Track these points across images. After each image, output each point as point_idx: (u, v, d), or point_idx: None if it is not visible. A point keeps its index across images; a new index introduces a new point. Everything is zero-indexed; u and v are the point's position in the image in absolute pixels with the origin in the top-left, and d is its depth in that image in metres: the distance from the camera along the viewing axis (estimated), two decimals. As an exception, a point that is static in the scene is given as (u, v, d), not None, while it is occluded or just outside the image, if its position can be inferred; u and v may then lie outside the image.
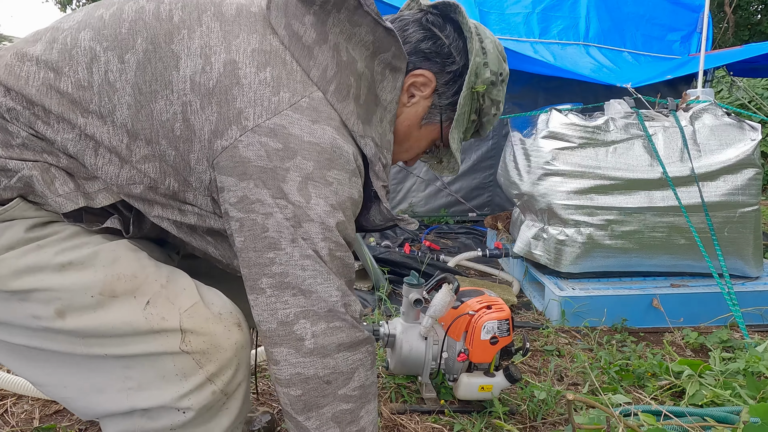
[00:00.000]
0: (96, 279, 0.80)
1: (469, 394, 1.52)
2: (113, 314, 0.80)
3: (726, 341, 2.12)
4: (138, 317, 0.80)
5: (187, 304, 0.84)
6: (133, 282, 0.82)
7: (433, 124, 1.06)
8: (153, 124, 0.83)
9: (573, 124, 2.47)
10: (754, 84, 6.83)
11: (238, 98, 0.81)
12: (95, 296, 0.79)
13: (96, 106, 0.82)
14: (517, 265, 2.97)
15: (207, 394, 0.83)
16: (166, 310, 0.82)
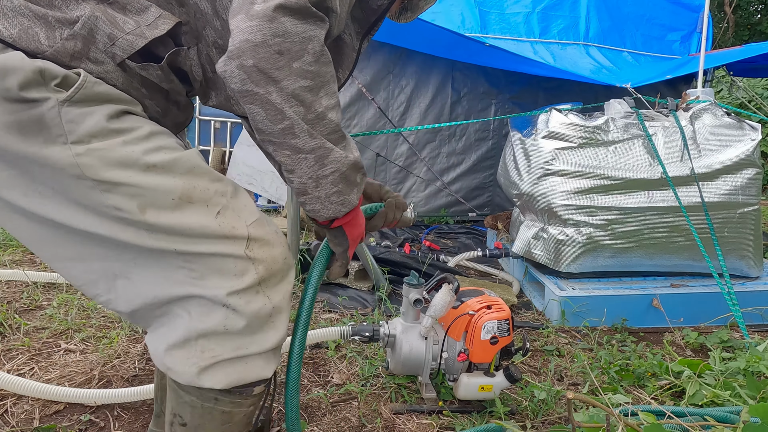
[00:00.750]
0: (176, 185, 0.84)
1: (469, 394, 1.52)
2: (189, 217, 0.85)
3: (726, 341, 2.12)
4: (211, 222, 0.87)
5: (251, 218, 0.91)
6: (206, 193, 0.87)
7: None
8: None
9: (573, 124, 2.47)
10: (754, 84, 6.83)
11: None
12: (175, 199, 0.84)
13: None
14: (517, 265, 2.97)
15: (259, 298, 0.89)
16: (235, 220, 0.89)
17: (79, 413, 1.57)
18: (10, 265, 2.76)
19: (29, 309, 2.27)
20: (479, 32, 3.63)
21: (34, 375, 1.77)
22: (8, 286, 2.48)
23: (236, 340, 0.90)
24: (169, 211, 0.84)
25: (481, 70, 4.14)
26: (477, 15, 3.69)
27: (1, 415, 1.53)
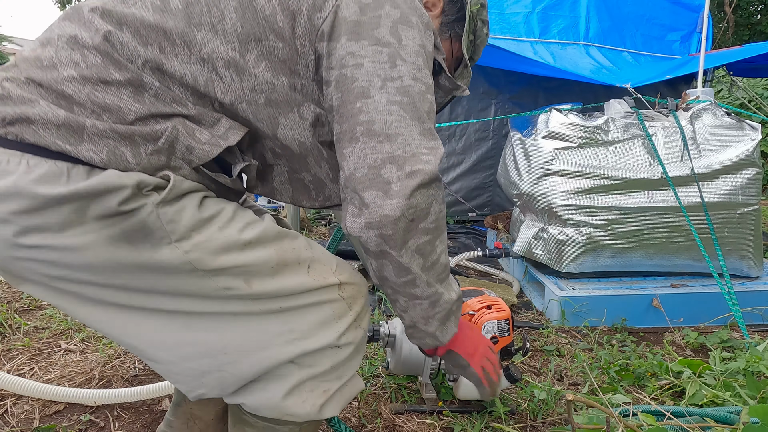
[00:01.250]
0: (271, 254, 0.93)
1: (469, 394, 1.52)
2: (287, 278, 0.94)
3: (726, 341, 2.12)
4: (306, 278, 0.96)
5: (334, 264, 1.02)
6: (294, 252, 0.97)
7: (445, 40, 1.19)
8: (259, 22, 0.90)
9: (573, 124, 2.47)
10: (754, 84, 6.83)
11: None
12: (273, 267, 0.93)
13: (207, 17, 0.88)
14: (517, 265, 2.97)
15: (357, 331, 1.01)
16: (323, 270, 0.99)
17: (79, 413, 1.57)
18: (10, 265, 2.76)
19: (29, 309, 2.27)
20: (479, 32, 3.63)
21: (34, 375, 1.77)
22: (8, 286, 2.47)
23: (340, 370, 1.01)
24: (270, 278, 0.93)
25: (481, 70, 4.14)
26: (477, 15, 3.69)
27: (1, 415, 1.53)
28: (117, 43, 0.84)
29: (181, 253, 0.85)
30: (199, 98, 0.90)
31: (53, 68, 0.83)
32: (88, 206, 0.80)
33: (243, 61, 0.90)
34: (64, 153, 0.80)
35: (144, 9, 0.87)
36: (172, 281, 0.88)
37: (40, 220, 0.80)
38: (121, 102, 0.84)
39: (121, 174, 0.81)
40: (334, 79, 0.90)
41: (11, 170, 0.79)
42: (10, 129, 0.80)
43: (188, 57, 0.87)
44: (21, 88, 0.83)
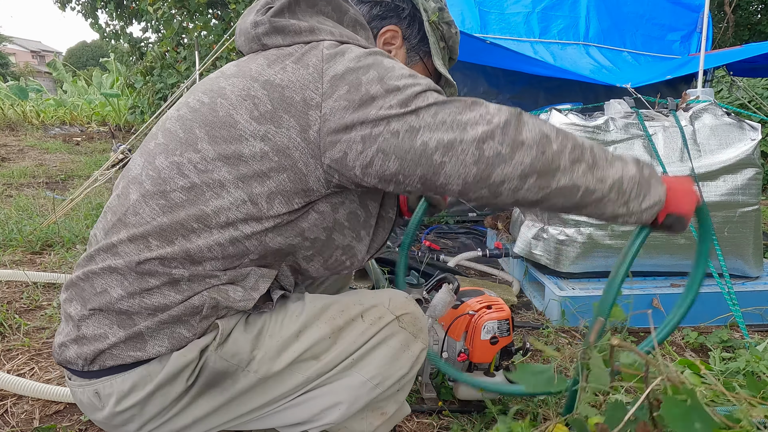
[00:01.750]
0: (323, 328, 1.01)
1: (469, 394, 1.52)
2: (348, 338, 1.02)
3: (726, 341, 2.12)
4: (364, 327, 1.03)
5: (387, 301, 1.07)
6: (343, 315, 1.03)
7: (416, 64, 1.23)
8: (254, 170, 0.94)
9: (573, 124, 2.47)
10: (754, 84, 6.82)
11: (293, 95, 0.94)
12: (330, 336, 1.01)
13: (210, 193, 0.94)
14: (517, 265, 2.97)
15: (423, 355, 1.07)
16: (377, 312, 1.05)
17: (79, 413, 1.56)
18: (10, 265, 2.76)
19: (29, 309, 2.27)
20: (479, 32, 3.63)
21: (34, 375, 1.77)
22: (8, 286, 2.47)
23: (400, 393, 1.08)
24: (333, 346, 1.01)
25: (481, 70, 4.14)
26: (477, 15, 3.69)
27: (1, 415, 1.53)
28: (150, 266, 0.95)
29: (252, 375, 0.98)
30: (231, 260, 0.97)
31: (105, 293, 0.96)
32: (171, 389, 0.96)
33: (257, 210, 0.95)
34: (139, 361, 0.96)
35: (157, 216, 0.95)
36: (262, 396, 1.00)
37: (146, 416, 0.98)
38: (165, 299, 0.95)
39: (183, 353, 0.96)
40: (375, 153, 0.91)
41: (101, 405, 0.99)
42: (94, 366, 0.97)
43: (209, 231, 0.94)
44: (89, 324, 0.97)
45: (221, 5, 8.36)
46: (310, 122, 0.93)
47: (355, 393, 1.02)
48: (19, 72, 29.50)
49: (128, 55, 11.40)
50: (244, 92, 0.96)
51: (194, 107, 1.00)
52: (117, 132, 10.36)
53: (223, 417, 1.02)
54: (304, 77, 0.94)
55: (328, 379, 1.01)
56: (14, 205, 4.04)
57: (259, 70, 0.98)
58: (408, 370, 1.04)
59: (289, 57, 0.98)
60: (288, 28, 1.02)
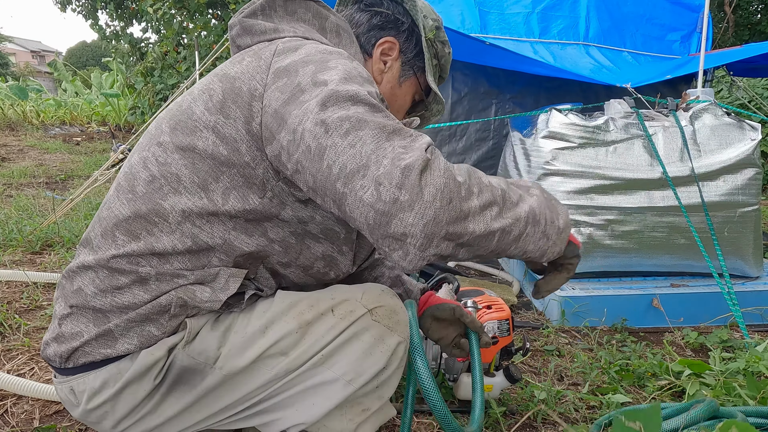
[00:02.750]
0: (290, 324, 0.99)
1: (469, 394, 1.52)
2: (317, 332, 0.99)
3: (726, 341, 2.12)
4: (335, 323, 0.99)
5: (358, 295, 1.02)
6: (313, 309, 1.01)
7: (409, 78, 1.24)
8: (207, 163, 0.96)
9: (573, 124, 2.47)
10: (754, 84, 6.82)
11: (241, 87, 0.95)
12: (298, 331, 0.99)
13: (168, 187, 0.97)
14: (517, 265, 2.97)
15: (401, 348, 1.01)
16: (348, 305, 1.01)
17: (79, 413, 1.56)
18: (10, 265, 2.76)
19: (29, 309, 2.27)
20: (479, 32, 3.63)
21: (34, 375, 1.77)
22: (8, 286, 2.47)
23: (382, 389, 1.03)
24: (301, 340, 0.98)
25: (481, 70, 4.14)
26: (477, 15, 3.69)
27: (1, 415, 1.53)
28: (118, 263, 0.97)
29: (218, 372, 0.98)
30: (196, 257, 0.99)
31: (80, 290, 1.00)
32: (140, 386, 0.98)
33: (213, 205, 0.96)
34: (109, 358, 0.98)
35: (123, 208, 0.98)
36: (231, 393, 1.00)
37: (118, 414, 1.00)
38: (135, 298, 0.98)
39: (152, 351, 0.97)
40: (295, 168, 0.88)
41: (76, 401, 1.02)
42: (69, 363, 1.00)
43: (169, 226, 0.96)
44: (68, 322, 1.01)
45: (221, 5, 8.37)
46: (253, 113, 0.93)
47: (327, 390, 1.00)
48: (19, 72, 29.49)
49: (128, 56, 11.40)
50: (204, 86, 1.00)
51: (171, 108, 1.05)
52: (117, 132, 10.36)
53: (196, 416, 1.02)
54: (254, 68, 0.96)
55: (299, 376, 0.99)
56: (14, 205, 4.04)
57: (222, 67, 1.02)
58: (384, 365, 0.99)
59: (249, 53, 1.01)
60: (254, 27, 1.05)
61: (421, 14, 1.20)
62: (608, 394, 1.68)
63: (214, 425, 1.05)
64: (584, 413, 1.64)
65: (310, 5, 1.11)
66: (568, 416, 1.64)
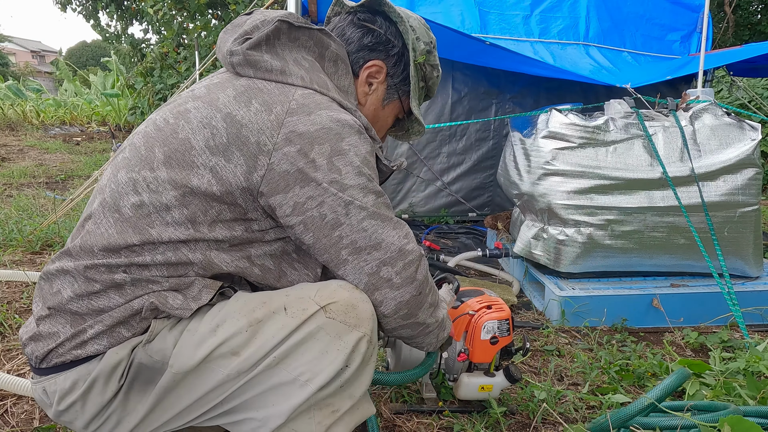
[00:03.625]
0: (240, 322, 0.99)
1: (469, 394, 1.52)
2: (268, 331, 0.99)
3: (726, 341, 2.12)
4: (286, 320, 1.00)
5: (311, 293, 1.03)
6: (264, 307, 1.01)
7: (393, 101, 1.27)
8: (200, 200, 0.99)
9: (573, 124, 2.47)
10: (754, 84, 6.82)
11: (249, 136, 0.98)
12: (248, 330, 0.99)
13: (156, 215, 0.98)
14: (517, 265, 2.97)
15: (363, 343, 1.02)
16: (301, 304, 1.01)
17: (79, 413, 1.56)
18: (10, 265, 2.76)
19: (29, 309, 2.27)
20: (479, 32, 3.63)
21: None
22: (8, 286, 2.48)
23: (350, 388, 1.02)
24: (252, 339, 0.98)
25: (481, 70, 4.14)
26: (477, 15, 3.69)
27: (1, 415, 1.53)
28: (95, 272, 0.99)
29: (170, 370, 0.98)
30: (174, 268, 1.00)
31: (59, 293, 1.01)
32: (107, 386, 0.99)
33: (199, 233, 1.00)
34: (78, 359, 1.00)
35: (109, 228, 0.99)
36: (188, 394, 1.00)
37: (88, 414, 1.01)
38: (110, 301, 1.00)
39: (117, 350, 0.99)
40: (298, 223, 1.00)
41: (49, 402, 1.03)
42: (43, 364, 1.02)
43: (153, 248, 0.99)
44: (46, 323, 1.02)
45: (221, 6, 8.37)
46: (257, 166, 0.97)
47: (285, 391, 0.99)
48: (19, 72, 29.50)
49: (129, 57, 11.41)
50: (206, 120, 1.00)
51: (160, 126, 1.03)
52: (117, 132, 10.36)
53: (161, 417, 1.02)
54: (263, 121, 0.98)
55: (256, 377, 0.99)
56: (14, 205, 4.04)
57: (225, 102, 1.01)
58: (343, 363, 0.99)
59: (257, 95, 1.01)
60: (260, 64, 1.05)
61: (414, 36, 1.20)
62: (608, 394, 1.68)
63: (185, 425, 1.05)
64: (584, 413, 1.64)
65: (314, 33, 1.12)
66: (568, 416, 1.64)
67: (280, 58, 1.06)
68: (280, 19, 1.07)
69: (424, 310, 1.12)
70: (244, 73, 1.06)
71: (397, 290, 1.05)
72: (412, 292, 1.06)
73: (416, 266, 1.06)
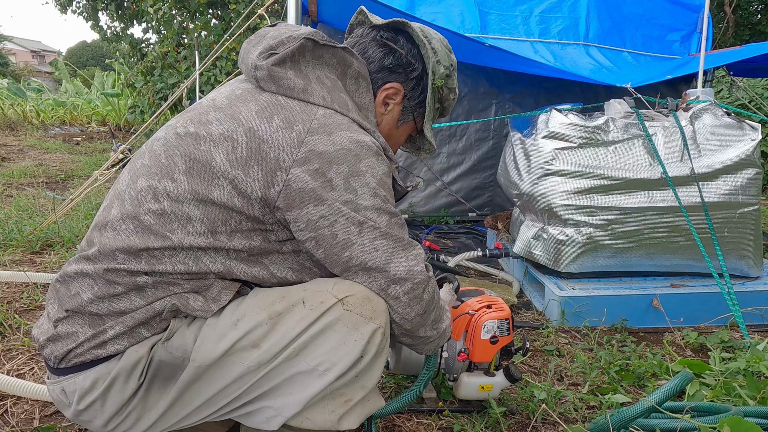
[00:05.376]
0: (260, 315, 1.02)
1: (469, 394, 1.52)
2: (287, 323, 1.02)
3: (726, 341, 2.12)
4: (305, 312, 1.02)
5: (329, 287, 1.06)
6: (284, 301, 1.04)
7: (408, 122, 1.29)
8: (220, 210, 1.01)
9: (573, 124, 2.47)
10: (754, 84, 6.82)
11: (269, 151, 1.00)
12: (268, 323, 1.02)
13: (177, 224, 1.01)
14: (517, 265, 2.97)
15: (378, 335, 1.05)
16: (319, 297, 1.04)
17: (79, 413, 1.56)
18: (10, 265, 2.76)
19: (29, 309, 2.27)
20: (479, 32, 3.63)
21: (34, 375, 1.77)
22: (8, 287, 2.48)
23: (363, 379, 1.05)
24: (272, 332, 1.01)
25: (481, 70, 4.14)
26: (477, 15, 3.69)
27: (1, 415, 1.53)
28: (117, 275, 1.01)
29: (192, 364, 1.00)
30: (195, 275, 1.03)
31: (77, 295, 1.03)
32: (127, 384, 1.00)
33: (219, 243, 1.02)
34: (99, 358, 1.01)
35: (131, 234, 1.01)
36: (208, 387, 1.02)
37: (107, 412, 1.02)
38: (131, 304, 1.01)
39: (136, 348, 1.01)
40: (311, 239, 1.04)
41: (68, 402, 1.04)
42: (62, 364, 1.03)
43: (174, 254, 1.01)
44: (64, 324, 1.03)
45: (221, 5, 8.36)
46: (275, 181, 0.99)
47: (303, 380, 1.01)
48: (19, 72, 29.49)
49: (129, 57, 11.40)
50: (227, 133, 1.01)
51: (181, 134, 1.05)
52: (117, 132, 10.36)
53: (180, 412, 1.04)
54: (284, 138, 1.00)
55: (275, 369, 1.01)
56: (14, 205, 4.04)
57: (247, 116, 1.03)
58: (360, 353, 1.02)
59: (280, 112, 1.02)
60: (283, 81, 1.06)
61: (435, 59, 1.22)
62: (608, 394, 1.68)
63: (201, 420, 1.06)
64: (584, 413, 1.64)
65: (337, 51, 1.13)
66: (568, 416, 1.64)
67: (304, 76, 1.08)
68: (306, 37, 1.08)
69: (427, 326, 1.16)
70: (268, 88, 1.07)
71: (404, 308, 1.08)
72: (418, 311, 1.10)
73: (423, 287, 1.09)
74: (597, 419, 1.43)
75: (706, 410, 1.35)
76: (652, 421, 1.31)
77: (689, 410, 1.34)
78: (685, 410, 1.32)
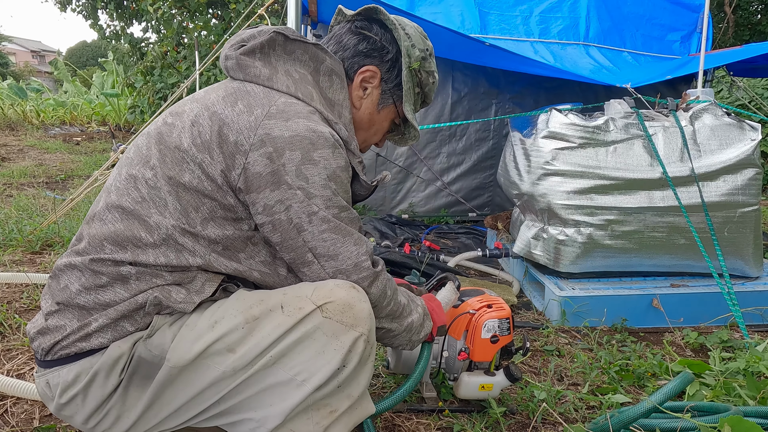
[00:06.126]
0: (237, 319, 1.02)
1: (469, 393, 1.52)
2: (264, 329, 1.01)
3: (726, 341, 2.12)
4: (283, 318, 1.01)
5: (308, 292, 1.04)
6: (262, 305, 1.03)
7: (388, 106, 1.30)
8: (192, 195, 1.03)
9: (573, 124, 2.47)
10: (754, 84, 6.83)
11: (229, 135, 1.02)
12: (244, 327, 1.01)
13: (155, 208, 1.03)
14: (517, 265, 2.97)
15: (360, 343, 1.03)
16: (298, 303, 1.03)
17: (79, 413, 1.56)
18: (10, 265, 2.76)
19: (29, 309, 2.27)
20: (479, 32, 3.63)
21: (33, 375, 1.77)
22: (8, 287, 2.47)
23: (348, 388, 1.03)
24: (248, 337, 1.00)
25: (481, 70, 4.14)
26: (477, 15, 3.69)
27: (1, 415, 1.53)
28: (102, 264, 1.03)
29: (167, 364, 1.00)
30: (177, 268, 1.04)
31: (66, 288, 1.05)
32: (108, 380, 1.01)
33: (193, 229, 1.04)
34: (83, 351, 1.02)
35: (115, 222, 1.04)
36: (184, 390, 1.01)
37: (88, 408, 1.03)
38: (115, 296, 1.03)
39: (119, 344, 1.02)
40: (267, 222, 1.05)
41: (51, 395, 1.05)
42: (48, 356, 1.04)
43: (154, 242, 1.02)
44: (54, 317, 1.05)
45: (221, 5, 8.36)
46: (235, 164, 1.02)
47: (281, 391, 1.00)
48: (19, 72, 29.48)
49: (128, 56, 11.40)
50: (194, 118, 1.05)
51: (159, 125, 1.10)
52: (117, 132, 10.36)
53: (159, 414, 1.03)
54: (243, 122, 1.02)
55: (253, 376, 1.00)
56: (14, 205, 4.04)
57: (214, 101, 1.07)
58: (340, 363, 1.00)
59: (244, 97, 1.06)
60: (249, 68, 1.11)
61: (409, 43, 1.24)
62: (608, 394, 1.68)
63: (182, 425, 1.06)
64: (584, 413, 1.64)
65: (309, 47, 1.16)
66: (568, 416, 1.64)
67: (272, 67, 1.12)
68: (276, 31, 1.13)
69: (382, 319, 1.17)
70: (236, 76, 1.12)
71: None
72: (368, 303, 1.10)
73: (370, 282, 1.10)
74: (597, 419, 1.43)
75: (706, 410, 1.35)
76: (652, 420, 1.32)
77: (689, 410, 1.34)
78: (686, 410, 1.32)
